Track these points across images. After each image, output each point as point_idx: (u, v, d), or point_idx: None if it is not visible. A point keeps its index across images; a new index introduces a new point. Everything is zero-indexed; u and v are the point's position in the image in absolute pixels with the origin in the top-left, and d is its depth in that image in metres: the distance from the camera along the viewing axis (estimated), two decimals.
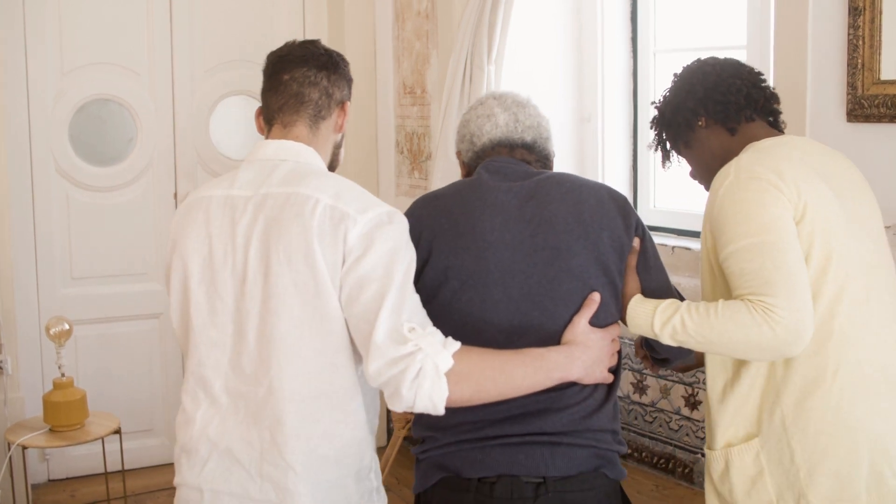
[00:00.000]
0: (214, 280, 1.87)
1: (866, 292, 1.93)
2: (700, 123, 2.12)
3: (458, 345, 1.78)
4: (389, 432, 4.65)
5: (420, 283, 1.92)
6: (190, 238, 1.90)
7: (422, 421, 1.97)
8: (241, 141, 4.69)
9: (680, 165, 2.27)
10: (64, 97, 4.33)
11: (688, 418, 3.67)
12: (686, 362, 2.15)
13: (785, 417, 1.92)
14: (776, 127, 2.18)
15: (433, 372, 1.72)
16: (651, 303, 1.94)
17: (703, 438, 3.54)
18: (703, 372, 2.26)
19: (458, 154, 2.18)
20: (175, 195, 4.55)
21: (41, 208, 4.33)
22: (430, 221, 1.97)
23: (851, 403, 1.89)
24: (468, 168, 2.15)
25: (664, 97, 2.21)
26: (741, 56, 3.62)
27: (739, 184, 1.91)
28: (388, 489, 4.30)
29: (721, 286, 2.00)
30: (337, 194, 1.83)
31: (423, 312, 1.81)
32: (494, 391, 1.79)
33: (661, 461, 3.80)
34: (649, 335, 1.94)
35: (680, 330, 1.87)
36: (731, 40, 3.77)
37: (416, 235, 1.93)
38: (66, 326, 3.83)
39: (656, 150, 2.26)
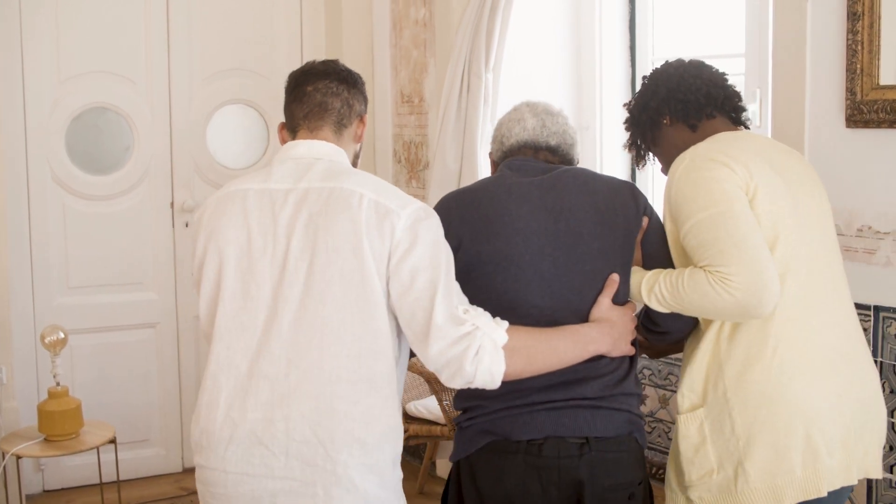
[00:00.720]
0: (252, 268, 1.96)
1: (810, 276, 2.07)
2: (665, 122, 2.28)
3: (506, 323, 1.95)
4: None
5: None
6: (227, 228, 1.99)
7: (466, 392, 2.14)
8: (238, 150, 4.68)
9: (654, 164, 2.40)
10: (60, 105, 4.32)
11: None
12: (678, 335, 2.23)
13: (727, 389, 2.04)
14: (740, 124, 2.31)
15: (492, 347, 1.88)
16: (641, 272, 2.13)
17: None
18: None
19: (490, 154, 2.37)
20: (172, 204, 4.53)
21: (37, 217, 4.31)
22: (459, 212, 2.13)
23: (790, 379, 2.02)
24: (496, 167, 2.33)
25: (634, 99, 2.37)
26: (740, 63, 3.62)
27: (694, 165, 2.07)
28: None
29: (685, 265, 2.13)
30: (377, 190, 1.96)
31: (465, 297, 1.97)
32: (542, 363, 1.98)
33: (661, 472, 3.78)
34: (642, 302, 2.12)
35: (661, 298, 2.06)
36: (729, 48, 3.77)
37: (446, 226, 2.05)
38: (62, 335, 3.80)
39: (630, 149, 2.41)
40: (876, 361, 2.86)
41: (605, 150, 4.30)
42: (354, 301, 1.90)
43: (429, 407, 3.91)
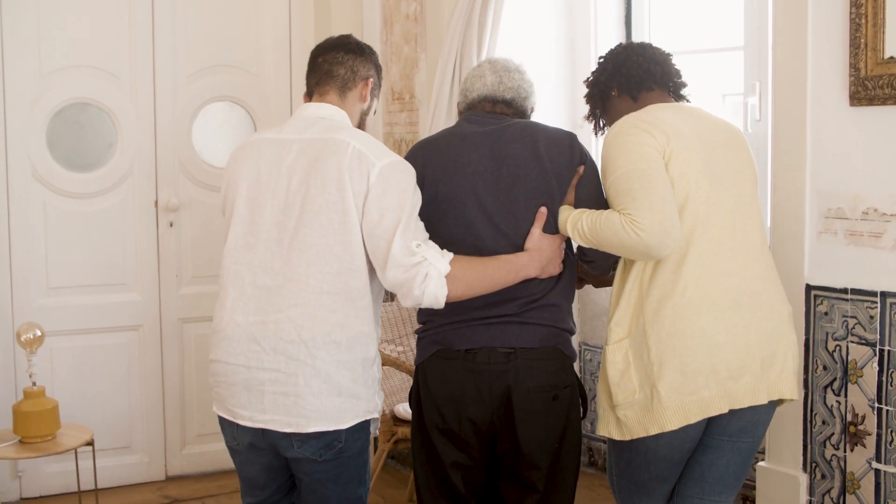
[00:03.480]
0: (258, 199, 2.42)
1: (722, 229, 2.42)
2: (613, 93, 2.64)
3: (451, 255, 2.40)
4: (375, 446, 4.48)
5: None
6: (242, 168, 2.47)
7: (422, 310, 2.59)
8: (223, 148, 4.50)
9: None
10: (42, 100, 4.21)
11: None
12: (602, 264, 2.58)
13: (645, 322, 2.41)
14: (679, 97, 2.65)
15: (437, 275, 2.34)
16: (570, 210, 2.48)
17: None
18: None
19: (458, 105, 2.74)
20: (156, 203, 4.41)
21: (17, 215, 4.19)
22: (423, 159, 2.55)
23: (696, 314, 2.38)
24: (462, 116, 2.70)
25: (590, 76, 2.72)
26: (739, 57, 3.56)
27: (622, 130, 2.43)
28: None
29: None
30: (363, 142, 2.39)
31: (425, 234, 2.42)
32: (479, 288, 2.42)
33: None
34: (569, 236, 2.47)
35: (581, 233, 2.42)
36: (727, 37, 3.69)
37: (416, 170, 2.45)
38: (38, 333, 3.68)
39: (589, 120, 2.76)
40: (884, 350, 2.75)
41: (601, 147, 4.20)
42: (336, 228, 2.33)
43: None
